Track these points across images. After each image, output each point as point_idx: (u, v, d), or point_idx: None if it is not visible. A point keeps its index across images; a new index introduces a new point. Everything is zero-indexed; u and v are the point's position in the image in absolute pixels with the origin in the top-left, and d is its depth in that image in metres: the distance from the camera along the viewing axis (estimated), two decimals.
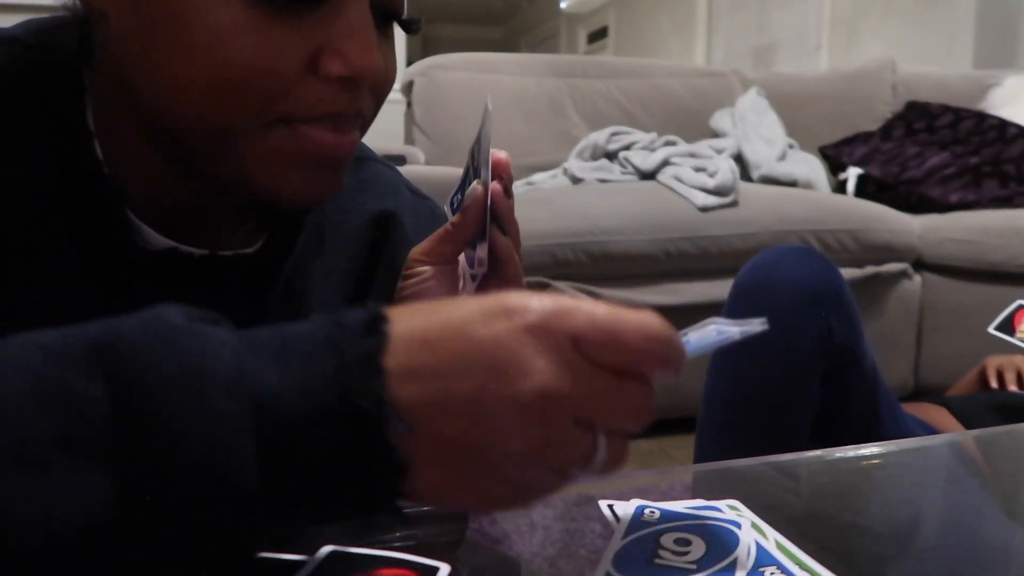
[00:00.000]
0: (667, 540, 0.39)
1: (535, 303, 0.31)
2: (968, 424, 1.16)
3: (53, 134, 0.45)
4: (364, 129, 0.47)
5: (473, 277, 0.49)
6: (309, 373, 0.29)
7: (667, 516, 0.42)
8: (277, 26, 0.40)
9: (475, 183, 0.46)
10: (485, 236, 0.47)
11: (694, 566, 0.36)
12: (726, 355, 1.05)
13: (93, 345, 0.29)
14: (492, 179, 0.46)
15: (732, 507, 0.43)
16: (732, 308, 1.04)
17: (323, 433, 0.29)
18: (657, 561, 0.37)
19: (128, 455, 0.28)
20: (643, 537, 0.39)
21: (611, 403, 0.32)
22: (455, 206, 0.49)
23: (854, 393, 1.03)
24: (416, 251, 0.49)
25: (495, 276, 0.48)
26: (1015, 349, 1.04)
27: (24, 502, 0.27)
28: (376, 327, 0.31)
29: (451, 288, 0.49)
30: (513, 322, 0.31)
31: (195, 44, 0.39)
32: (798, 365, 0.99)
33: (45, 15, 0.49)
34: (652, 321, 0.32)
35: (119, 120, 0.46)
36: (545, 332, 0.31)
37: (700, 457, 1.07)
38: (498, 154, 0.47)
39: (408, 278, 0.49)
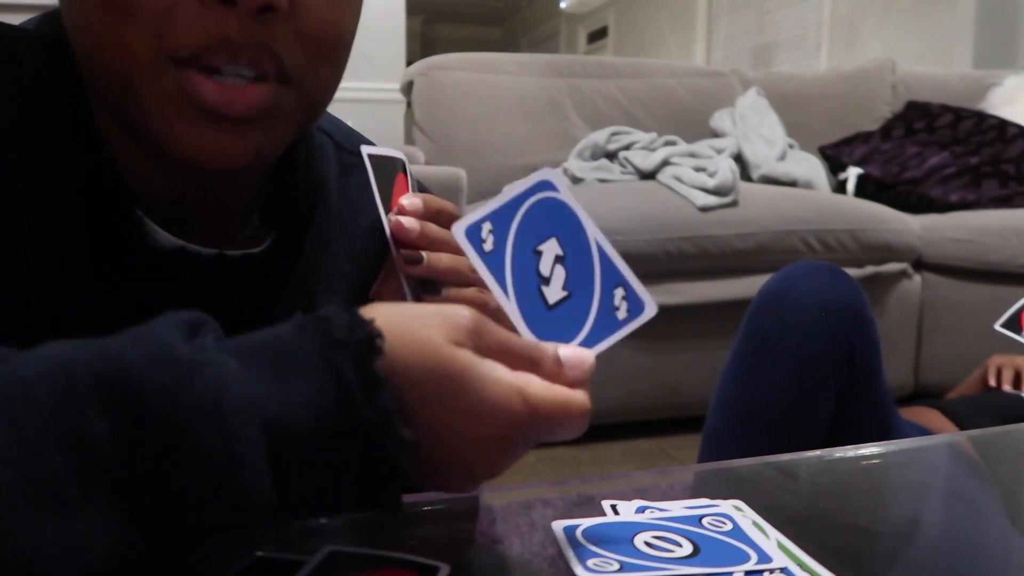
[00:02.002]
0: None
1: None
2: (963, 427, 1.16)
3: (66, 133, 0.45)
4: (298, 87, 0.45)
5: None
6: (309, 392, 0.31)
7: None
8: None
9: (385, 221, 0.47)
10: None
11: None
12: (741, 364, 1.03)
13: (102, 382, 0.29)
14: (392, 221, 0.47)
15: (736, 507, 0.43)
16: (752, 320, 1.03)
17: (331, 449, 0.31)
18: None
19: (146, 484, 0.28)
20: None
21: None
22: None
23: (866, 413, 1.02)
24: (372, 296, 0.52)
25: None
26: (1020, 347, 1.04)
27: (46, 541, 0.27)
28: (371, 343, 0.32)
29: None
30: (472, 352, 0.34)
31: None
32: (814, 383, 0.98)
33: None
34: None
35: (101, 113, 0.46)
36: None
37: (703, 461, 1.06)
38: (403, 201, 0.48)
39: None
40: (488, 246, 0.37)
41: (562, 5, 7.89)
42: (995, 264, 2.06)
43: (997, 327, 1.04)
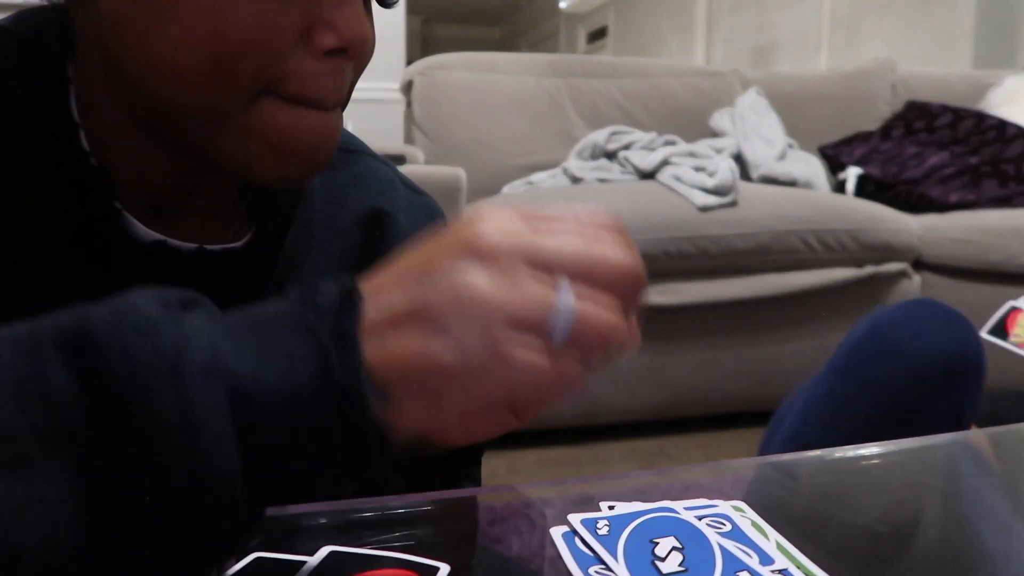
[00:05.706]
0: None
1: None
2: (980, 423, 1.15)
3: (42, 126, 0.45)
4: (345, 102, 0.47)
5: None
6: (285, 354, 0.29)
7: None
8: None
9: None
10: None
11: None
12: (832, 404, 0.90)
13: (65, 336, 0.28)
14: None
15: (737, 508, 0.43)
16: (855, 358, 0.88)
17: (303, 413, 0.29)
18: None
19: (105, 446, 0.27)
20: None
21: (567, 245, 0.32)
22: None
23: None
24: None
25: None
26: (1009, 355, 1.03)
27: (6, 501, 0.26)
28: (350, 303, 0.31)
29: None
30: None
31: (187, 18, 0.39)
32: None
33: (34, 1, 0.49)
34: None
35: (104, 108, 0.46)
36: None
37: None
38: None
39: None
40: (603, 532, 0.40)
41: (562, 5, 7.89)
42: (995, 264, 2.06)
43: (983, 335, 1.02)
